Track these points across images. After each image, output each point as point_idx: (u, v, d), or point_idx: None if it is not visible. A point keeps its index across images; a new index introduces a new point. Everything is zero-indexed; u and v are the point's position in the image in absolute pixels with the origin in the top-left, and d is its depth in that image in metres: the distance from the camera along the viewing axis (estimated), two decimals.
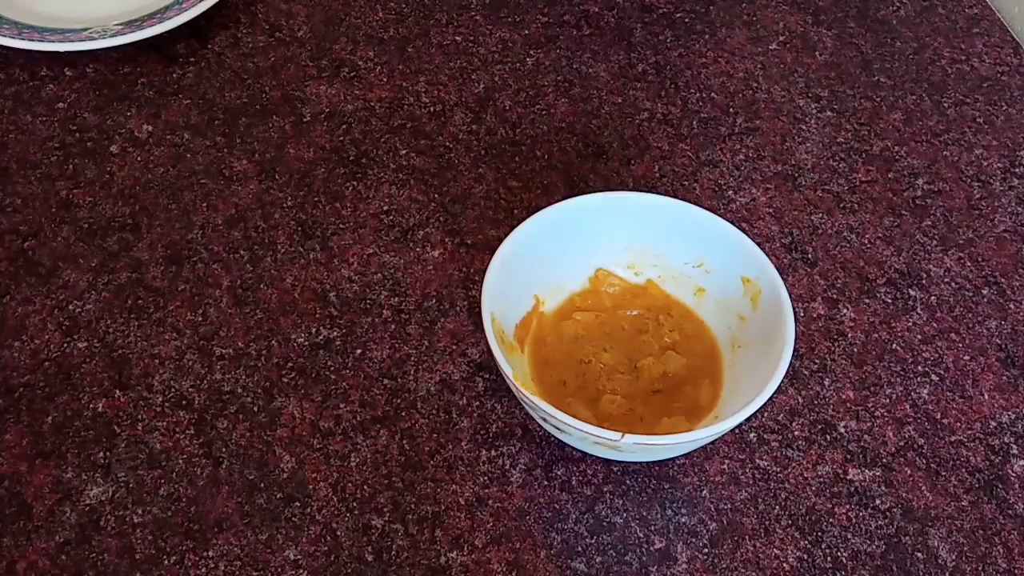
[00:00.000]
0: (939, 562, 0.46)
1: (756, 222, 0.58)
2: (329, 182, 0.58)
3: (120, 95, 0.61)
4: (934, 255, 0.58)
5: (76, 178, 0.57)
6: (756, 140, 0.62)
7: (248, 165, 0.59)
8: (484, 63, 0.65)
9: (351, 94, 0.63)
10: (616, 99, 0.64)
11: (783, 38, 0.69)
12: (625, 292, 0.52)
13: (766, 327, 0.47)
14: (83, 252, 0.54)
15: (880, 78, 0.67)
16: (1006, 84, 0.67)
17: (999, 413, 0.51)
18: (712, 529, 0.46)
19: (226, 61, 0.64)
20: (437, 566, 0.44)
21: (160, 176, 0.58)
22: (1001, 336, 0.54)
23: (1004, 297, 0.56)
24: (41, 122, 0.59)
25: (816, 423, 0.50)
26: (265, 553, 0.44)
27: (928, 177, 0.61)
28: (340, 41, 0.66)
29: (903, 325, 0.54)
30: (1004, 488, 0.48)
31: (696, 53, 0.67)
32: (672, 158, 0.61)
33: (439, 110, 0.62)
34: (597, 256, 0.52)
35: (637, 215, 0.51)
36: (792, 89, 0.66)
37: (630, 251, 0.52)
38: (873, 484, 0.48)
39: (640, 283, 0.52)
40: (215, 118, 0.61)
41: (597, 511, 0.46)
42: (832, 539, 0.46)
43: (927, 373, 0.52)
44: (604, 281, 0.52)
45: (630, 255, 0.52)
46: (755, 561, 0.45)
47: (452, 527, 0.45)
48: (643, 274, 0.52)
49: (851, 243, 0.58)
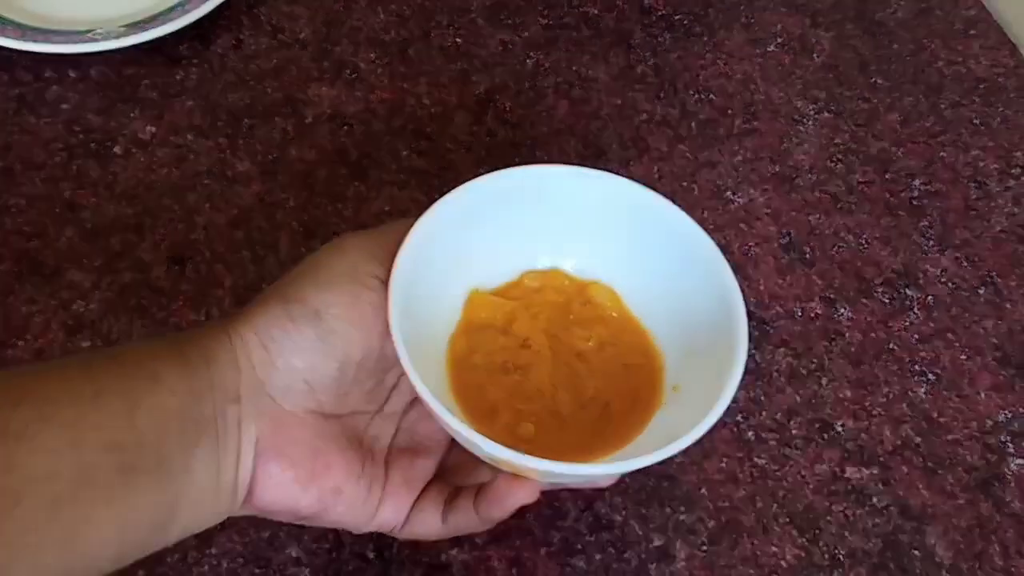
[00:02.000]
0: (936, 560, 0.46)
1: (754, 222, 0.58)
2: (331, 183, 0.59)
3: (124, 97, 0.62)
4: (931, 255, 0.58)
5: (80, 179, 0.57)
6: (754, 141, 0.63)
7: (251, 166, 0.59)
8: (485, 65, 0.66)
9: (353, 96, 0.63)
10: (615, 101, 0.64)
11: (781, 40, 0.69)
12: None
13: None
14: (87, 252, 0.54)
15: (877, 80, 0.67)
16: (1003, 86, 0.67)
17: (995, 412, 0.51)
18: (711, 527, 0.46)
19: (229, 63, 0.64)
20: (438, 564, 0.44)
21: (163, 177, 0.58)
22: (997, 336, 0.54)
23: (1000, 297, 0.56)
24: (45, 123, 0.60)
25: (814, 422, 0.50)
26: (267, 550, 0.44)
27: (925, 178, 0.62)
28: (342, 43, 0.66)
29: (900, 325, 0.55)
30: (1000, 487, 0.49)
31: (695, 55, 0.68)
32: (671, 159, 0.61)
33: (440, 111, 0.63)
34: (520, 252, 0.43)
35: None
36: (790, 91, 0.66)
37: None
38: (870, 483, 0.48)
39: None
40: (218, 119, 0.61)
41: (596, 509, 0.47)
42: (830, 537, 0.47)
43: (924, 372, 0.53)
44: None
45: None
46: (753, 559, 0.46)
47: None
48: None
49: (848, 243, 0.58)
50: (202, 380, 0.34)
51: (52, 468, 0.30)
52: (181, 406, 0.33)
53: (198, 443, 0.33)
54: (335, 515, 0.37)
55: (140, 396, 0.33)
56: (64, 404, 0.31)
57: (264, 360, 0.35)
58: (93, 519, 0.31)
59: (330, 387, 0.36)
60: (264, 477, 0.35)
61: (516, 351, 0.41)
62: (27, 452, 0.30)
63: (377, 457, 0.38)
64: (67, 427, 0.31)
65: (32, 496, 0.30)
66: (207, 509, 0.35)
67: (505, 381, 0.40)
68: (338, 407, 0.37)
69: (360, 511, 0.37)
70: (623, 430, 0.39)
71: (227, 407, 0.34)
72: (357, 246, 0.38)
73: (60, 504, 0.30)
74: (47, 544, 0.30)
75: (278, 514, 0.37)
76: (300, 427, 0.36)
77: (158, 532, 0.33)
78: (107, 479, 0.31)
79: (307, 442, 0.36)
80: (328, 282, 0.36)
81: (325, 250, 0.38)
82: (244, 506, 0.36)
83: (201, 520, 0.35)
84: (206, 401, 0.34)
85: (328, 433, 0.36)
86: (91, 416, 0.31)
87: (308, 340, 0.35)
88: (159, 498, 0.33)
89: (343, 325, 0.35)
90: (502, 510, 0.37)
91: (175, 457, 0.33)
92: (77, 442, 0.31)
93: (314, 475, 0.36)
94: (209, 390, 0.34)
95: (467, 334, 0.41)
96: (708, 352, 0.38)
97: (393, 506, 0.38)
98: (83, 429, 0.31)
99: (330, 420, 0.37)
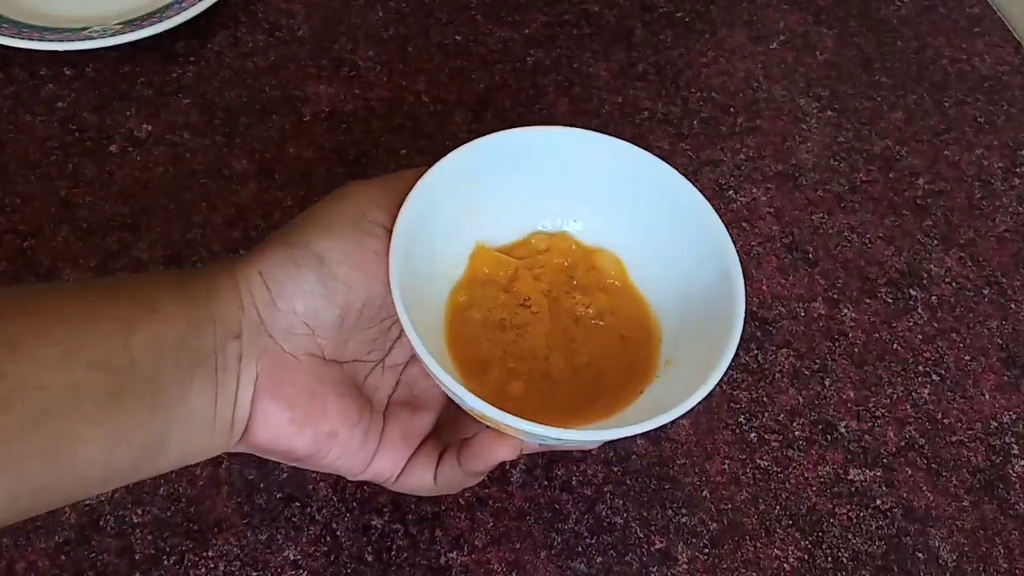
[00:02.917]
0: (940, 562, 0.46)
1: (757, 221, 0.58)
2: (329, 181, 0.58)
3: (120, 94, 0.61)
4: (935, 255, 0.57)
5: (76, 177, 0.57)
6: (757, 139, 0.62)
7: (248, 164, 0.58)
8: (484, 62, 0.65)
9: (351, 93, 0.63)
10: (616, 98, 0.64)
11: (784, 37, 0.69)
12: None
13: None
14: (83, 251, 0.54)
15: (881, 77, 0.67)
16: (1007, 84, 0.67)
17: (1000, 413, 0.51)
18: (713, 529, 0.46)
19: (226, 60, 0.64)
20: (437, 566, 0.44)
21: (160, 175, 0.58)
22: (1002, 336, 0.54)
23: (1005, 297, 0.56)
24: (41, 122, 0.59)
25: (817, 423, 0.50)
26: (265, 553, 0.44)
27: (929, 177, 0.61)
28: (340, 40, 0.66)
29: (904, 325, 0.54)
30: (1005, 488, 0.48)
31: (696, 52, 0.67)
32: (673, 157, 0.61)
33: (439, 109, 0.62)
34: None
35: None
36: (793, 88, 0.65)
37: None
38: (874, 484, 0.48)
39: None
40: (215, 117, 0.61)
41: (597, 511, 0.46)
42: (833, 539, 0.46)
43: (928, 373, 0.52)
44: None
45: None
46: (756, 561, 0.45)
47: (452, 527, 0.45)
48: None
49: (852, 243, 0.58)
50: (202, 313, 0.34)
51: (41, 380, 0.30)
52: (178, 337, 0.33)
53: (194, 375, 0.34)
54: (330, 459, 0.37)
55: (136, 324, 0.33)
56: (57, 322, 0.32)
57: (267, 301, 0.35)
58: (80, 435, 0.31)
59: (331, 332, 0.36)
60: (261, 415, 0.35)
61: (515, 309, 0.41)
62: (17, 362, 0.30)
63: (376, 407, 0.38)
64: (59, 343, 0.31)
65: (20, 404, 0.30)
66: (201, 442, 0.35)
67: (500, 338, 0.40)
68: (339, 353, 0.37)
69: (355, 458, 0.37)
70: (612, 400, 0.39)
71: (228, 342, 0.34)
72: (363, 193, 0.38)
73: (47, 416, 0.30)
74: (31, 454, 0.30)
75: (274, 453, 0.37)
76: (299, 369, 0.36)
77: (147, 458, 0.33)
78: (96, 398, 0.31)
79: (305, 384, 0.36)
80: (332, 228, 0.36)
81: (331, 197, 0.38)
82: (240, 443, 0.36)
83: (194, 452, 0.35)
84: (206, 334, 0.34)
85: (327, 378, 0.36)
86: (83, 336, 0.32)
87: (310, 284, 0.35)
88: (150, 424, 0.33)
89: (345, 271, 0.35)
90: (484, 464, 0.37)
91: (170, 386, 0.33)
92: (68, 359, 0.31)
93: (310, 417, 0.36)
94: (210, 323, 0.34)
95: (468, 287, 0.41)
96: (704, 329, 0.38)
97: (389, 458, 0.38)
98: (74, 348, 0.31)
99: (330, 365, 0.37)
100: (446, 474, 0.39)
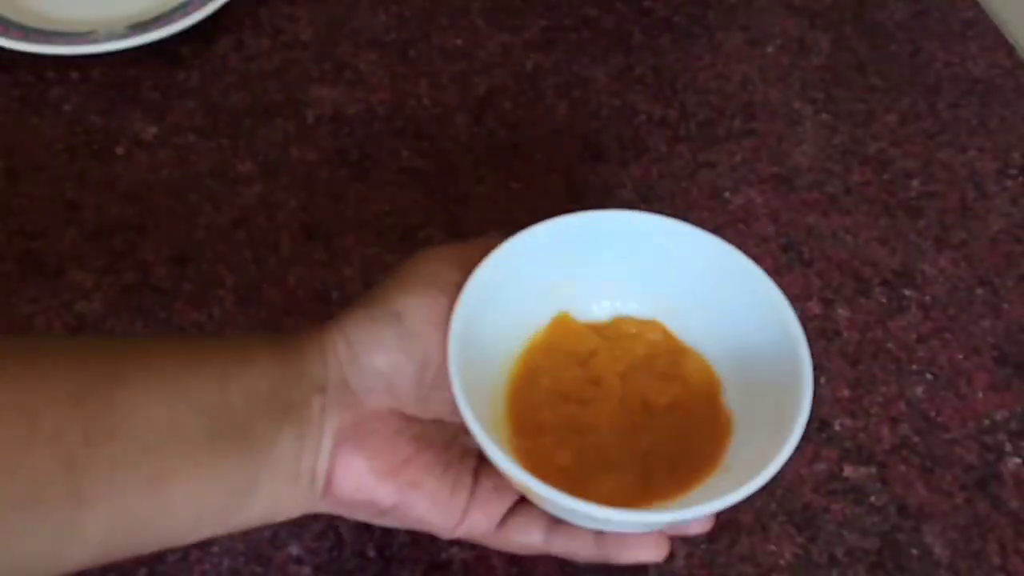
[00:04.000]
0: (934, 559, 0.46)
1: (753, 223, 0.59)
2: (332, 183, 0.59)
3: (125, 98, 0.62)
4: (928, 255, 0.58)
5: (82, 179, 0.58)
6: (753, 142, 0.63)
7: (252, 167, 0.59)
8: (485, 66, 0.66)
9: (353, 97, 0.63)
10: (615, 102, 0.65)
11: (780, 42, 0.70)
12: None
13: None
14: (89, 252, 0.54)
15: (875, 81, 0.67)
16: (1000, 87, 0.68)
17: (993, 411, 0.52)
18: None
19: (230, 64, 0.64)
20: (438, 562, 0.45)
21: (165, 177, 0.58)
22: (995, 335, 0.55)
23: (998, 297, 0.57)
24: (48, 124, 0.60)
25: (812, 421, 0.50)
26: (268, 548, 0.44)
27: (922, 178, 0.62)
28: (343, 45, 0.67)
29: (898, 324, 0.55)
30: (998, 485, 0.49)
31: (693, 56, 0.68)
32: (670, 160, 0.61)
33: (440, 112, 0.63)
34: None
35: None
36: (788, 92, 0.66)
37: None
38: (868, 481, 0.49)
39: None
40: (219, 120, 0.61)
41: None
42: (828, 535, 0.47)
43: (922, 372, 0.53)
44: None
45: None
46: (752, 557, 0.46)
47: None
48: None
49: (846, 244, 0.58)
50: (292, 369, 0.36)
51: (147, 415, 0.32)
52: (271, 388, 0.35)
53: (282, 425, 0.35)
54: (419, 511, 0.37)
55: (234, 373, 0.35)
56: (161, 365, 0.34)
57: (348, 358, 0.36)
58: (178, 470, 0.32)
59: (411, 388, 0.37)
60: (342, 466, 0.36)
61: (584, 384, 0.40)
62: (126, 397, 0.32)
63: (466, 463, 0.38)
64: (163, 384, 0.33)
65: (125, 435, 0.31)
66: (287, 493, 0.36)
67: (561, 408, 0.39)
68: (421, 410, 0.38)
69: (445, 511, 0.37)
70: (661, 492, 0.38)
71: (313, 396, 0.36)
72: (441, 256, 0.39)
73: (150, 450, 0.32)
74: (132, 485, 0.31)
75: (358, 507, 0.37)
76: (380, 422, 0.37)
77: (236, 504, 0.34)
78: (195, 437, 0.33)
79: (387, 436, 0.37)
80: (409, 287, 0.37)
81: (410, 260, 0.39)
82: (325, 499, 0.37)
83: (280, 504, 0.36)
84: (294, 388, 0.36)
85: (408, 432, 0.37)
86: (186, 380, 0.34)
87: (389, 339, 0.36)
88: (240, 468, 0.34)
89: (422, 326, 0.37)
90: (624, 559, 0.38)
91: (261, 434, 0.34)
92: (171, 398, 0.33)
93: (392, 466, 0.36)
94: (298, 379, 0.36)
95: (545, 352, 0.41)
96: (764, 438, 0.37)
97: (483, 512, 0.38)
98: (177, 389, 0.33)
99: (411, 422, 0.37)
100: (566, 541, 0.38)
